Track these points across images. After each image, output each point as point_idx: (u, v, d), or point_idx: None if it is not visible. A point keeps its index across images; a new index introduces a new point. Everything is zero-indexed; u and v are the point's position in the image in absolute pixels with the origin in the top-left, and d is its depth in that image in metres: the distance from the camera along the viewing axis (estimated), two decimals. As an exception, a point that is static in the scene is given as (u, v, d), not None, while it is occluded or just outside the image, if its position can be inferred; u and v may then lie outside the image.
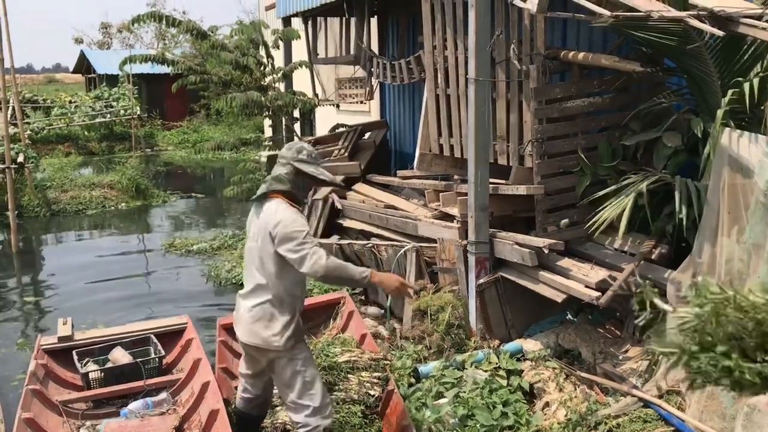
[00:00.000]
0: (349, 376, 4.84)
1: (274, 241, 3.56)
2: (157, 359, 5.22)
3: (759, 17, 4.11)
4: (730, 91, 4.06)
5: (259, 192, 3.75)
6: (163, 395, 4.82)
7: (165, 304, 7.95)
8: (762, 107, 4.11)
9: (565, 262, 5.22)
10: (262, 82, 9.89)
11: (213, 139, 16.79)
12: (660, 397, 4.13)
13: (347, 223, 7.78)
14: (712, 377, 1.73)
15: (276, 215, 3.58)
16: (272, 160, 10.15)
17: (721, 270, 3.94)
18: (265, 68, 9.94)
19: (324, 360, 4.77)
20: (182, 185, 16.86)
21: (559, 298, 5.00)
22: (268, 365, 3.85)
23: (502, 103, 5.83)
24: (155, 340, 5.44)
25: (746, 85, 3.99)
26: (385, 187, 8.20)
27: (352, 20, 8.88)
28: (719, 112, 3.98)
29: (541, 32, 5.35)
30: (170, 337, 5.66)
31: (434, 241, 6.18)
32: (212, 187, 17.48)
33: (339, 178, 8.33)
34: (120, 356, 5.20)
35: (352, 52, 8.94)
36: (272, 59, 10.12)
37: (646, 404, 4.13)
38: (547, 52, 5.45)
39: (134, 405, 4.67)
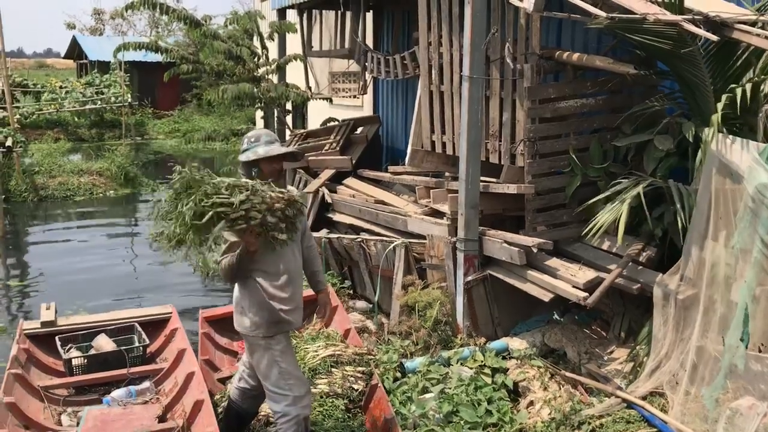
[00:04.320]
0: (332, 370, 4.85)
1: None
2: (141, 348, 5.20)
3: (753, 23, 4.13)
4: (724, 96, 4.07)
5: None
6: (147, 384, 4.80)
7: (151, 293, 7.92)
8: (759, 114, 4.13)
9: (554, 262, 5.23)
10: (255, 73, 9.83)
11: (204, 129, 16.71)
12: (643, 398, 4.15)
13: (337, 217, 7.76)
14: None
15: None
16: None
17: (709, 274, 3.96)
18: (258, 59, 9.89)
19: (306, 355, 4.78)
20: (172, 175, 16.72)
21: (546, 297, 5.01)
22: (249, 351, 3.90)
23: (495, 101, 5.83)
24: (139, 328, 5.41)
25: (739, 91, 4.00)
26: (375, 182, 8.18)
27: (348, 14, 8.85)
28: (714, 118, 3.99)
29: (537, 32, 5.35)
30: (154, 326, 5.64)
31: (423, 237, 6.18)
32: (202, 177, 17.35)
33: (329, 173, 8.36)
34: (104, 343, 5.17)
35: (346, 45, 8.91)
36: (267, 50, 10.07)
37: (630, 405, 4.15)
38: (542, 51, 5.45)
39: (117, 393, 4.64)
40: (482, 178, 5.63)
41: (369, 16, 9.46)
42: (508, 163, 5.75)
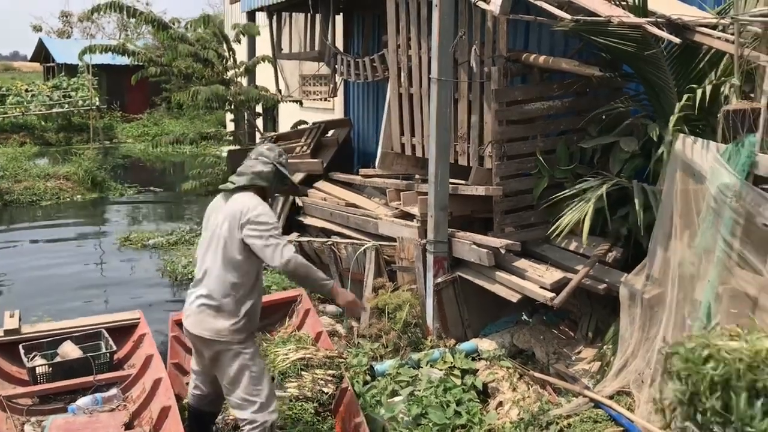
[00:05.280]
0: (303, 373, 4.82)
1: (242, 228, 3.56)
2: (107, 354, 5.11)
3: (714, 26, 4.20)
4: (684, 97, 4.14)
5: (236, 184, 3.75)
6: (114, 391, 4.71)
7: (118, 299, 7.81)
8: (717, 115, 4.20)
9: (522, 263, 5.27)
10: (224, 76, 9.77)
11: (173, 132, 16.54)
12: (610, 397, 4.18)
13: (308, 220, 7.74)
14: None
15: (249, 203, 3.61)
16: (233, 156, 10.07)
17: (673, 273, 4.01)
18: (226, 62, 9.83)
19: (276, 358, 4.75)
20: (141, 178, 16.58)
21: (514, 298, 5.05)
22: (213, 359, 3.76)
23: (463, 103, 5.86)
24: (107, 334, 5.32)
25: (699, 92, 4.07)
26: (347, 185, 8.16)
27: (317, 16, 8.83)
28: (673, 118, 4.06)
29: (504, 34, 5.38)
30: (122, 332, 5.54)
31: (394, 239, 6.19)
32: (171, 181, 17.20)
33: (299, 176, 8.34)
34: (69, 350, 5.07)
35: (316, 48, 8.89)
36: (233, 53, 10.02)
37: (597, 405, 4.18)
38: (509, 54, 5.48)
39: (83, 401, 4.55)
40: (451, 180, 5.65)
41: (339, 19, 9.45)
42: (476, 165, 5.78)
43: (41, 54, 31.15)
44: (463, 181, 5.82)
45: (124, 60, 11.03)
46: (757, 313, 3.47)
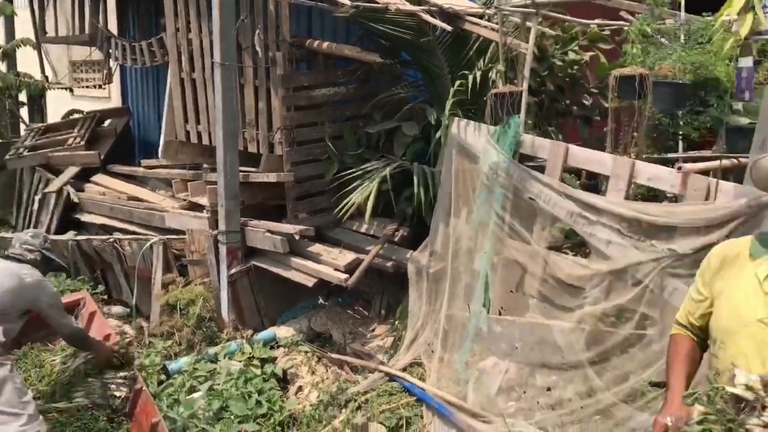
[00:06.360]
0: (89, 379, 4.49)
1: (40, 299, 3.91)
2: None
3: (481, 16, 4.53)
4: (457, 83, 4.41)
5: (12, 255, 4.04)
6: None
7: None
8: (485, 98, 4.54)
9: (316, 248, 5.32)
10: (-22, 61, 8.73)
11: None
12: (404, 370, 4.38)
13: (86, 217, 7.17)
14: None
15: (41, 281, 3.98)
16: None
17: (454, 248, 4.28)
18: (-21, 45, 8.79)
19: (53, 368, 4.40)
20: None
21: (310, 282, 5.09)
22: None
23: (250, 89, 5.76)
24: None
25: (470, 78, 4.36)
26: (129, 177, 7.70)
27: (86, -3, 8.18)
28: (448, 103, 4.33)
29: (286, 19, 5.37)
30: None
31: (183, 232, 5.95)
32: None
33: (73, 170, 7.72)
34: None
35: (86, 31, 8.23)
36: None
37: (392, 378, 4.36)
38: (293, 39, 5.49)
39: None
40: (241, 168, 5.56)
41: (111, 0, 8.83)
42: (266, 152, 5.73)
43: None
44: (253, 169, 5.74)
45: None
46: (526, 279, 3.82)
